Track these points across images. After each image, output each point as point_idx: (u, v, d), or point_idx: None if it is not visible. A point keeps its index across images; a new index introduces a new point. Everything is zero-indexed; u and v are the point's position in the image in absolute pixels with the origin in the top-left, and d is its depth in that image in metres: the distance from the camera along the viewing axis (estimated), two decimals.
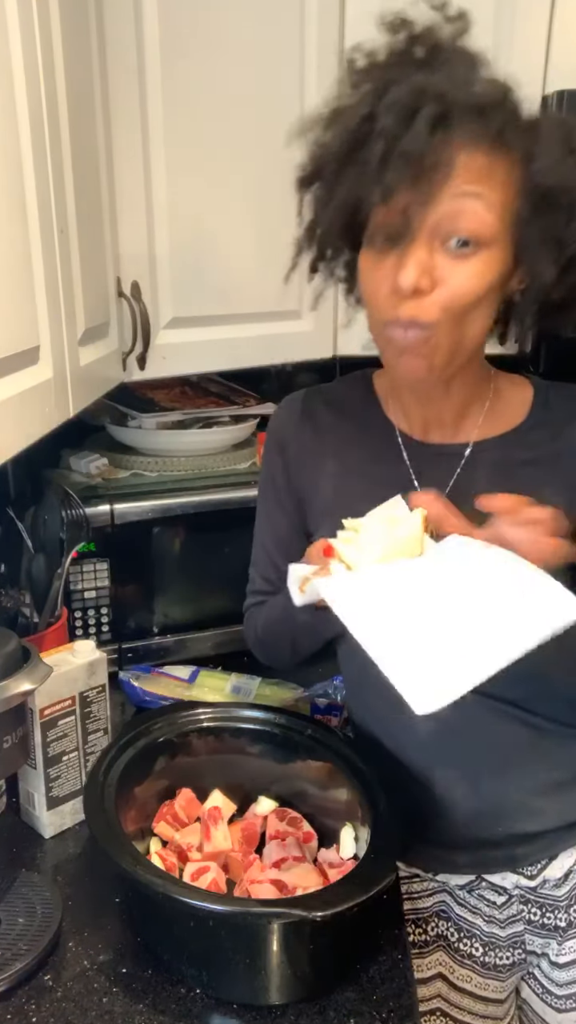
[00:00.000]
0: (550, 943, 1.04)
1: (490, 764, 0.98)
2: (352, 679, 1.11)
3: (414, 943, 1.06)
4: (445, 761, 0.99)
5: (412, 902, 1.07)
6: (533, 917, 1.04)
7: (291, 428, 1.06)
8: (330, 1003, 0.83)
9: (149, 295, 1.27)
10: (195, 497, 1.42)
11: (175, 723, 1.06)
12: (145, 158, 1.22)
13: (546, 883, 1.02)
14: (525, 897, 1.04)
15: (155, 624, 1.45)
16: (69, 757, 1.07)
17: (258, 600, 1.12)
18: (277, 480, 1.07)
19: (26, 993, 0.84)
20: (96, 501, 1.36)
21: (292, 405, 1.07)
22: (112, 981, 0.85)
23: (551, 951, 1.04)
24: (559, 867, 1.02)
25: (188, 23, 1.20)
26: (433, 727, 0.95)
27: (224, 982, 0.83)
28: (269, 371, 1.79)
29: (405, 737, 1.01)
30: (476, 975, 1.06)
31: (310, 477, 1.03)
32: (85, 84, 1.04)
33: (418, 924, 1.07)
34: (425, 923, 1.07)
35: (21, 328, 0.81)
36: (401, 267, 0.78)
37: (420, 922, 1.07)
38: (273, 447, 1.08)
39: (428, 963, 1.07)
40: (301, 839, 0.99)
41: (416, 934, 1.07)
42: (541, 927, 1.04)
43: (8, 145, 0.77)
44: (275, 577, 1.08)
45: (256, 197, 1.34)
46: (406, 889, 1.06)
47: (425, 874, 1.06)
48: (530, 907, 1.04)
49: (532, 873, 1.02)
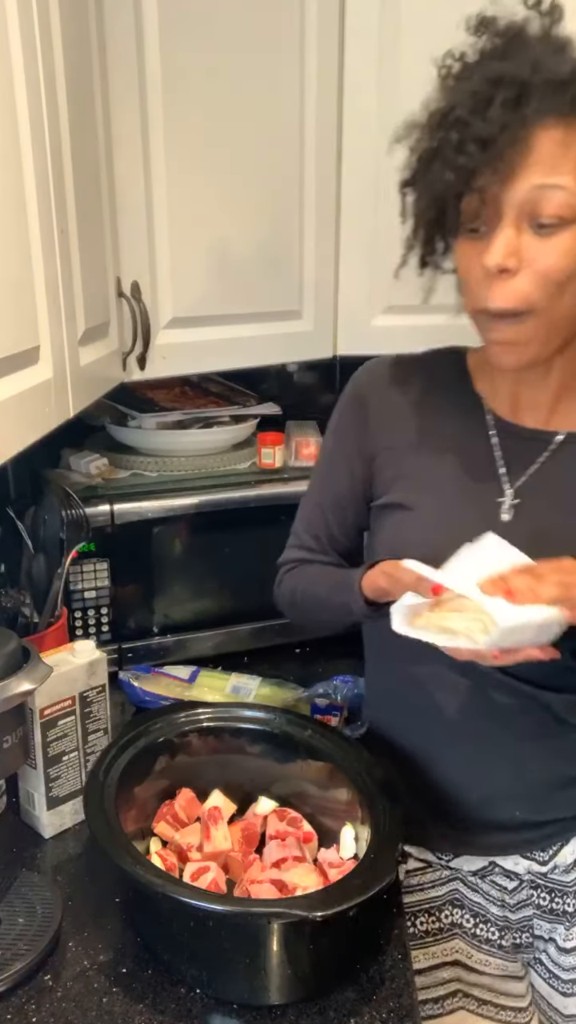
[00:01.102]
0: (557, 928, 1.05)
1: (509, 749, 0.98)
2: (375, 657, 1.11)
3: (428, 931, 1.07)
4: (465, 740, 0.99)
5: (424, 892, 1.07)
6: (542, 902, 1.05)
7: (377, 387, 1.03)
8: (330, 1003, 0.83)
9: (149, 295, 1.27)
10: (195, 497, 1.42)
11: (175, 723, 1.06)
12: (145, 158, 1.22)
13: (556, 868, 1.03)
14: (535, 882, 1.04)
15: (155, 624, 1.45)
16: (69, 757, 1.07)
17: (301, 557, 1.10)
18: (349, 437, 1.04)
19: (26, 993, 0.84)
20: (96, 501, 1.36)
21: (380, 367, 1.05)
22: (112, 981, 0.85)
23: (558, 936, 1.05)
24: (570, 852, 1.03)
25: (188, 22, 1.20)
26: (456, 705, 0.97)
27: (224, 982, 0.83)
28: (269, 371, 1.79)
29: (427, 716, 1.01)
30: (495, 959, 1.07)
31: (389, 440, 1.01)
32: (85, 84, 1.04)
33: (431, 913, 1.07)
34: (439, 911, 1.07)
35: (21, 328, 0.81)
36: (487, 249, 0.80)
37: (433, 911, 1.07)
38: (353, 403, 1.05)
39: (444, 950, 1.07)
40: (301, 839, 0.99)
41: (430, 923, 1.07)
42: (550, 912, 1.05)
43: (8, 145, 0.77)
44: (325, 537, 1.08)
45: (256, 197, 1.34)
46: (418, 880, 1.07)
47: (437, 861, 1.06)
48: (539, 892, 1.05)
49: (544, 859, 1.03)
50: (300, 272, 1.43)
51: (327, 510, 1.08)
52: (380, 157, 1.40)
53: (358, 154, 1.40)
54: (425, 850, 1.07)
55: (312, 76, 1.35)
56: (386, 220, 1.43)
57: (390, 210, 1.43)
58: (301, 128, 1.36)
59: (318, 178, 1.40)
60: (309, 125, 1.37)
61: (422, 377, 1.02)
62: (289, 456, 1.56)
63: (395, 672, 1.05)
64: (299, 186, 1.38)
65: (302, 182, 1.39)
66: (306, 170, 1.39)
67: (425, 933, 1.07)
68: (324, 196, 1.41)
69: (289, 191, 1.38)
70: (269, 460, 1.53)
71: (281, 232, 1.39)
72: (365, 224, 1.42)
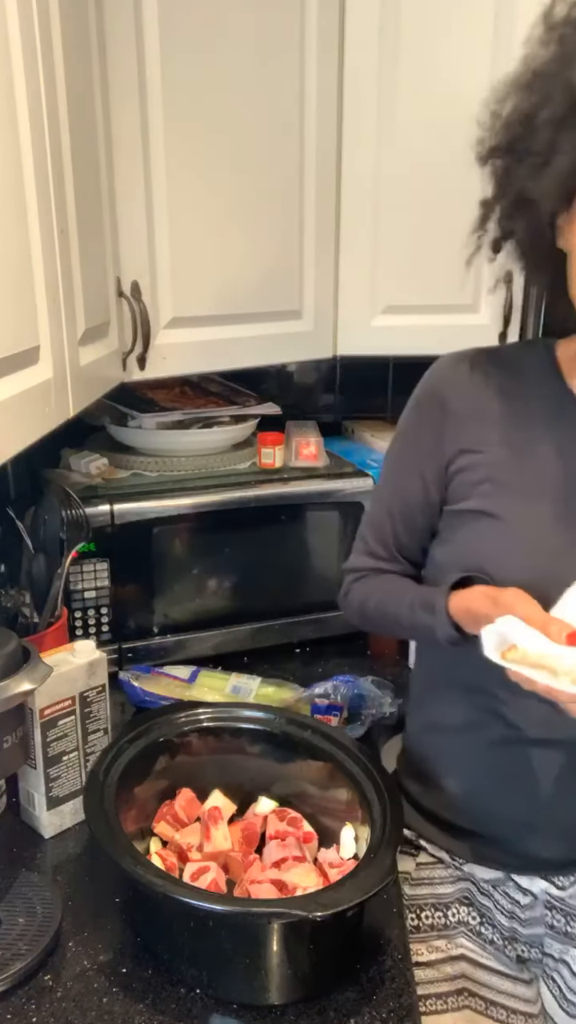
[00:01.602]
0: (569, 950, 1.02)
1: (547, 782, 0.94)
2: (431, 677, 1.06)
3: (433, 926, 1.03)
4: (506, 765, 0.95)
5: (433, 887, 1.04)
6: (556, 923, 1.01)
7: (456, 385, 0.95)
8: (330, 1003, 0.83)
9: (149, 295, 1.27)
10: (195, 497, 1.42)
11: (175, 723, 1.06)
12: (145, 158, 1.22)
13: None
14: (551, 903, 1.01)
15: (155, 624, 1.45)
16: (69, 757, 1.07)
17: (370, 566, 1.04)
18: (425, 438, 0.96)
19: (26, 993, 0.84)
20: (96, 501, 1.36)
21: (458, 363, 0.96)
22: (112, 981, 0.85)
23: (571, 959, 1.02)
24: None
25: (188, 23, 1.20)
26: (515, 738, 0.92)
27: (224, 982, 0.83)
28: (269, 371, 1.79)
29: (478, 749, 0.97)
30: (499, 962, 1.04)
31: (470, 441, 0.93)
32: (85, 84, 1.04)
33: (438, 908, 1.04)
34: (446, 908, 1.04)
35: (21, 328, 0.81)
36: None
37: (440, 907, 1.04)
38: (429, 402, 0.97)
39: (451, 945, 1.04)
40: (301, 839, 0.99)
41: (435, 917, 1.04)
42: (564, 934, 1.02)
43: (8, 145, 0.77)
44: (393, 544, 1.02)
45: (257, 197, 1.34)
46: (428, 875, 1.04)
47: (451, 862, 1.04)
48: (554, 913, 1.01)
49: (563, 884, 1.00)
50: (300, 272, 1.43)
51: (396, 517, 1.01)
52: (380, 157, 1.41)
53: (358, 153, 1.41)
54: (440, 848, 1.04)
55: (312, 75, 1.35)
56: (386, 220, 1.44)
57: (390, 210, 1.44)
58: (301, 128, 1.36)
59: (318, 178, 1.40)
60: (309, 125, 1.37)
61: (506, 373, 0.94)
62: (289, 456, 1.56)
63: (449, 698, 1.00)
64: (299, 186, 1.38)
65: (302, 182, 1.39)
66: (306, 170, 1.39)
67: (430, 927, 1.04)
68: (324, 196, 1.41)
69: (289, 191, 1.38)
70: (269, 460, 1.53)
71: (281, 232, 1.39)
72: (365, 224, 1.42)
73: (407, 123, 1.39)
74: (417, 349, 1.45)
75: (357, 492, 1.51)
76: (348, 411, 1.89)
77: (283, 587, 1.51)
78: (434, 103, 1.37)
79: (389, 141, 1.40)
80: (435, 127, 1.37)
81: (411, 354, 1.43)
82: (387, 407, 1.87)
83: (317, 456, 1.56)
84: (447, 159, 1.39)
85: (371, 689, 1.31)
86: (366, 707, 1.30)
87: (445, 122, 1.37)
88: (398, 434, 1.01)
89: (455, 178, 1.43)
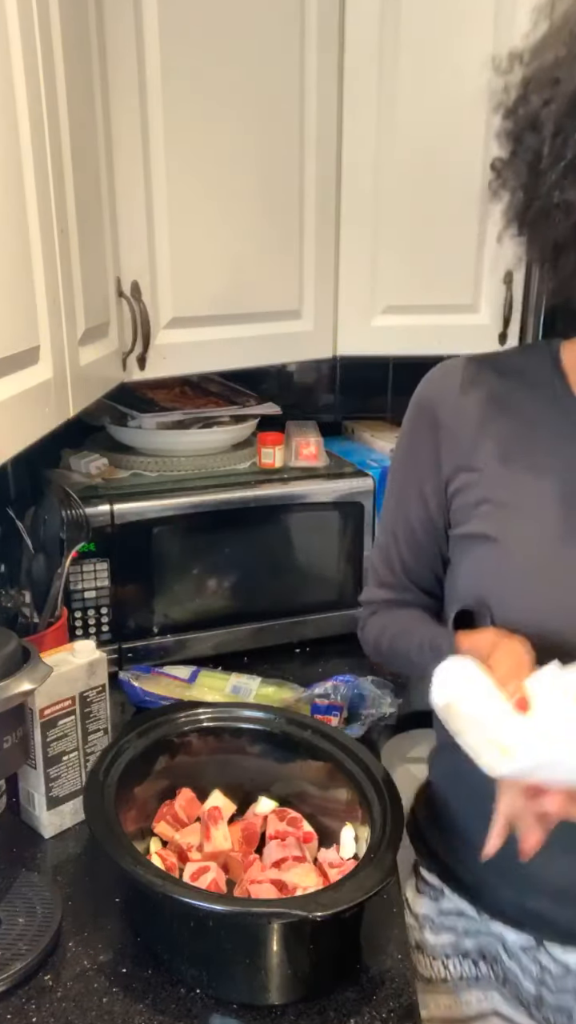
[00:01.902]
0: None
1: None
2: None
3: (462, 976, 0.99)
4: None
5: (456, 935, 0.98)
6: None
7: (447, 397, 0.89)
8: (330, 1003, 0.83)
9: (149, 295, 1.27)
10: (195, 497, 1.42)
11: (175, 723, 1.06)
12: (145, 158, 1.22)
13: None
14: None
15: (155, 624, 1.45)
16: (69, 757, 1.07)
17: (382, 598, 0.99)
18: (418, 457, 0.91)
19: (26, 993, 0.84)
20: (96, 501, 1.36)
21: (448, 372, 0.90)
22: (112, 981, 0.85)
23: None
24: None
25: (188, 23, 1.20)
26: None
27: (224, 982, 0.83)
28: (269, 371, 1.79)
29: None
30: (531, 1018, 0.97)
31: (466, 458, 0.87)
32: (85, 84, 1.04)
33: (464, 957, 0.98)
34: (474, 963, 0.98)
35: (21, 328, 0.81)
36: None
37: (464, 957, 0.98)
38: (419, 418, 0.91)
39: (479, 997, 0.99)
40: (301, 839, 0.99)
41: (464, 969, 0.99)
42: None
43: (8, 145, 0.77)
44: (400, 569, 0.97)
45: (256, 197, 1.34)
46: (452, 923, 0.99)
47: (476, 916, 0.96)
48: None
49: None
50: (300, 272, 1.43)
51: (400, 537, 0.95)
52: (380, 156, 1.41)
53: (358, 153, 1.41)
54: (463, 900, 0.97)
55: (312, 75, 1.35)
56: (386, 220, 1.44)
57: (390, 210, 1.44)
58: (301, 127, 1.36)
59: (318, 178, 1.40)
60: (309, 124, 1.37)
61: (504, 381, 0.87)
62: (289, 456, 1.56)
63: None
64: (299, 186, 1.39)
65: (302, 182, 1.39)
66: (306, 170, 1.39)
67: (459, 978, 0.98)
68: (324, 196, 1.41)
69: (289, 191, 1.38)
70: (269, 460, 1.53)
71: (281, 232, 1.39)
72: (365, 224, 1.43)
73: (407, 124, 1.39)
74: (417, 349, 1.46)
75: (357, 492, 1.51)
76: (348, 411, 1.89)
77: (283, 587, 1.51)
78: (434, 103, 1.37)
79: (389, 142, 1.40)
80: (435, 128, 1.37)
81: (411, 354, 1.44)
82: (387, 407, 1.87)
83: (317, 456, 1.57)
84: (447, 160, 1.40)
85: (371, 689, 1.31)
86: (366, 707, 1.30)
87: (445, 122, 1.38)
88: (396, 449, 0.97)
89: (455, 180, 1.44)
